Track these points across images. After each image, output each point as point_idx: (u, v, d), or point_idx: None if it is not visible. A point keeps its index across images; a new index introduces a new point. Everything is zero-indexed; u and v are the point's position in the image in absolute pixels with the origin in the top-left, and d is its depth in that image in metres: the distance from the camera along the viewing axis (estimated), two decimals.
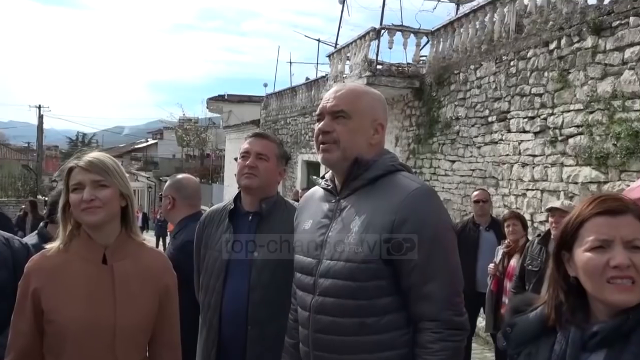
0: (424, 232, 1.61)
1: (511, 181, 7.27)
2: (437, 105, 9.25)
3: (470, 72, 8.41)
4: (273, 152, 2.39)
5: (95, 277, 1.74)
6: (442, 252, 1.64)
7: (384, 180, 1.73)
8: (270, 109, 18.97)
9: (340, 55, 12.22)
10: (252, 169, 2.33)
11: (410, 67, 10.24)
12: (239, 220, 2.37)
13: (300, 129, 16.00)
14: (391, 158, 1.80)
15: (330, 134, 1.76)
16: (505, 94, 7.51)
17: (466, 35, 8.79)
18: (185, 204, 2.93)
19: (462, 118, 8.52)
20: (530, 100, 7.00)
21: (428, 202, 1.67)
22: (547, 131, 6.67)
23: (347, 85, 1.86)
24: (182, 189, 2.96)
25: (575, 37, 6.32)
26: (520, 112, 7.16)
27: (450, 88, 8.91)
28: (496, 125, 7.65)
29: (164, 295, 1.85)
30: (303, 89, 16.29)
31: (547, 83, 6.71)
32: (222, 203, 2.58)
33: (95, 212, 1.73)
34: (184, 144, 36.49)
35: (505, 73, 7.53)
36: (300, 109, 16.13)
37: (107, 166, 1.77)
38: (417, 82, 9.79)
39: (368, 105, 1.80)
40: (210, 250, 2.40)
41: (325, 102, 1.80)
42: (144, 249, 1.88)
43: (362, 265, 1.63)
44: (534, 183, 6.84)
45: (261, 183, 2.34)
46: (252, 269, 2.27)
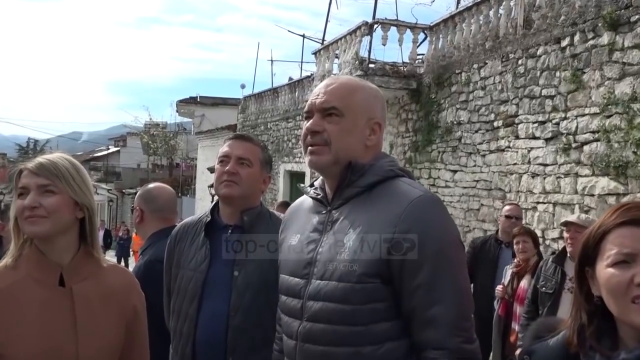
0: (428, 246, 1.58)
1: (520, 193, 7.31)
2: (437, 108, 9.30)
3: (473, 71, 8.48)
4: (256, 157, 2.37)
5: (52, 302, 1.69)
6: (449, 270, 1.61)
7: (382, 187, 1.70)
8: (248, 113, 18.96)
9: (328, 52, 12.26)
10: (232, 176, 2.30)
11: (406, 66, 10.30)
12: (217, 234, 2.33)
13: (283, 135, 16.00)
14: (390, 162, 1.78)
15: (320, 134, 1.73)
16: (512, 96, 7.57)
17: (469, 31, 8.87)
18: (155, 217, 2.91)
19: (464, 123, 8.57)
20: (540, 103, 7.06)
21: (433, 212, 1.64)
22: (559, 137, 6.73)
23: (339, 78, 1.83)
24: (152, 200, 2.94)
25: (589, 33, 6.40)
26: (530, 116, 7.22)
27: (451, 89, 8.97)
28: (503, 131, 7.70)
29: (131, 319, 1.82)
30: (286, 90, 16.33)
31: (559, 84, 6.78)
32: (197, 215, 2.54)
33: (38, 222, 1.68)
34: (151, 152, 36.33)
35: (512, 73, 7.60)
36: (283, 112, 16.15)
37: (59, 169, 1.72)
38: (414, 83, 9.86)
39: (364, 101, 1.77)
40: (182, 270, 2.36)
41: (314, 98, 1.78)
42: (107, 267, 1.84)
43: (358, 286, 1.60)
44: (546, 195, 6.88)
45: (243, 192, 2.31)
46: (232, 290, 2.23)
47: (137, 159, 41.07)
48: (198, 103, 29.98)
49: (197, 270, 2.30)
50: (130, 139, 45.05)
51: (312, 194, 1.85)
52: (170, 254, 2.45)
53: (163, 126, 38.52)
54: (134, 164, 41.39)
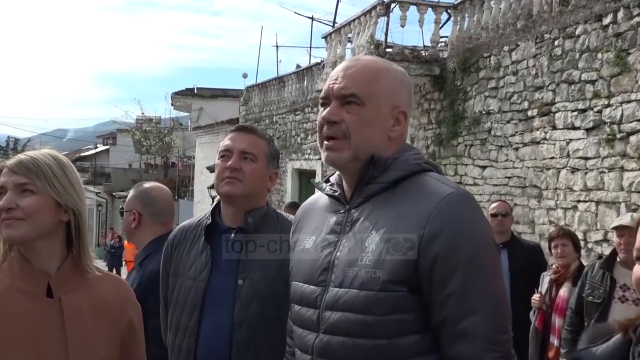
0: (461, 250, 1.58)
1: (558, 191, 7.27)
2: (463, 96, 9.29)
3: (503, 54, 8.45)
4: (262, 151, 2.37)
5: (39, 315, 1.70)
6: (484, 277, 1.60)
7: (408, 183, 1.70)
8: (251, 105, 19.00)
9: (340, 36, 12.27)
10: (234, 172, 2.31)
11: (427, 50, 10.30)
12: (219, 238, 2.34)
13: (290, 130, 16.03)
14: (415, 155, 1.78)
15: (338, 125, 1.72)
16: (548, 81, 7.54)
17: (497, 10, 8.84)
18: (153, 222, 2.91)
19: (494, 112, 8.54)
20: (580, 88, 7.03)
21: (466, 211, 1.64)
22: (602, 127, 6.69)
23: (360, 59, 1.82)
24: (150, 203, 2.94)
25: (635, 9, 6.35)
26: (568, 104, 7.18)
27: (479, 75, 8.94)
28: (538, 121, 7.67)
29: (127, 334, 1.83)
30: (293, 79, 16.35)
31: (601, 67, 6.74)
32: (196, 217, 2.55)
33: (14, 225, 1.68)
34: (143, 150, 36.52)
35: (548, 55, 7.57)
36: (290, 104, 16.18)
37: (39, 166, 1.71)
38: (437, 69, 9.84)
39: (388, 87, 1.76)
40: (181, 278, 2.37)
41: (332, 82, 1.76)
42: (100, 276, 1.84)
43: (381, 294, 1.60)
44: (587, 193, 6.84)
45: (246, 190, 2.31)
46: (235, 300, 2.24)
47: (129, 159, 41.32)
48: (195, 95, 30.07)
49: (197, 278, 2.31)
50: (120, 136, 45.33)
51: (328, 190, 1.84)
52: (167, 261, 2.46)
53: (157, 121, 38.71)
54: (124, 163, 41.64)
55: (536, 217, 7.65)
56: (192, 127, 28.24)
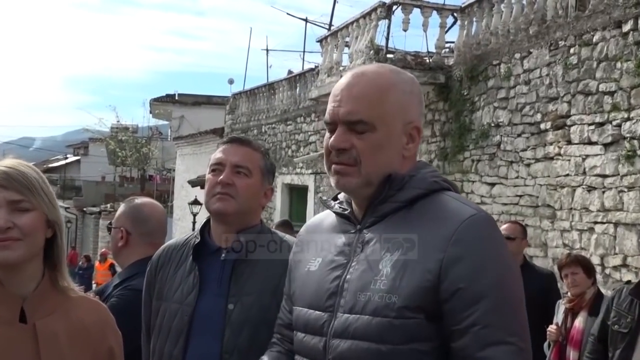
0: (484, 277, 1.59)
1: (573, 211, 7.31)
2: (470, 107, 9.34)
3: (514, 62, 8.51)
4: (256, 165, 2.38)
5: (11, 342, 1.69)
6: (509, 303, 1.62)
7: (425, 202, 1.71)
8: (238, 114, 19.02)
9: (336, 39, 12.33)
10: (226, 187, 2.31)
11: (432, 56, 10.34)
12: (208, 259, 2.34)
13: (280, 141, 16.06)
14: (432, 172, 1.80)
15: (349, 152, 1.73)
16: (563, 92, 7.59)
17: (508, 14, 8.91)
18: (143, 243, 2.90)
19: (504, 125, 8.59)
20: (597, 100, 7.08)
21: (490, 235, 1.66)
22: (621, 142, 6.74)
23: (365, 73, 1.81)
24: (142, 221, 2.94)
25: None
26: (585, 117, 7.24)
27: (488, 84, 9.00)
28: (551, 135, 7.72)
29: None
30: (284, 85, 16.41)
31: (620, 77, 6.80)
32: (183, 236, 2.55)
33: (11, 247, 1.68)
34: (118, 162, 36.46)
35: (563, 64, 7.63)
36: (281, 113, 16.22)
37: (30, 181, 1.72)
38: (442, 77, 9.90)
39: (399, 104, 1.77)
40: (165, 302, 2.37)
41: (335, 105, 1.76)
42: (77, 298, 1.85)
43: (397, 321, 1.60)
44: (605, 214, 6.87)
45: (239, 207, 2.32)
46: (225, 327, 2.24)
47: (102, 171, 41.21)
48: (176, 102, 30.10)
49: (184, 302, 2.30)
50: (93, 146, 45.23)
51: (337, 209, 1.85)
52: (151, 283, 2.45)
53: (133, 130, 38.66)
54: (97, 176, 41.51)
55: (549, 239, 7.68)
56: (173, 137, 28.23)
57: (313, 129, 14.42)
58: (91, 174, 42.36)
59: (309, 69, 15.60)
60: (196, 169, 20.03)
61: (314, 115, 14.35)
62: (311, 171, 14.30)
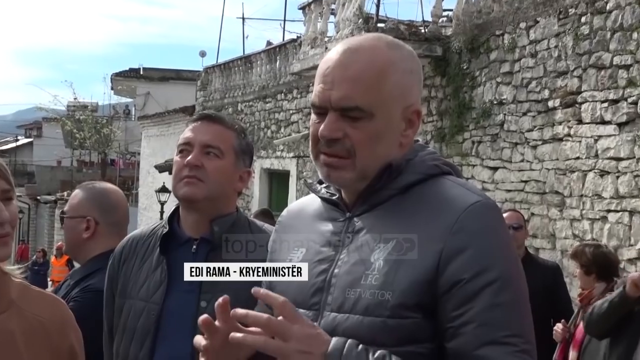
0: (487, 271, 1.59)
1: (584, 198, 7.35)
2: (470, 83, 9.36)
3: (519, 33, 8.53)
4: (229, 144, 2.38)
5: None
6: (512, 299, 1.62)
7: (422, 188, 1.71)
8: (210, 90, 18.96)
9: (321, 7, 12.30)
10: (195, 170, 2.31)
11: (427, 26, 10.35)
12: (177, 251, 2.34)
13: (259, 120, 16.04)
14: (431, 155, 1.78)
15: (341, 142, 1.70)
16: (573, 65, 7.62)
17: None
18: (111, 233, 2.90)
19: (507, 102, 8.62)
20: (611, 75, 7.11)
21: (494, 224, 1.66)
22: (637, 122, 6.77)
23: (360, 47, 1.75)
24: (110, 209, 2.94)
25: None
26: (597, 93, 7.26)
27: (490, 57, 9.02)
28: (560, 114, 7.75)
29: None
30: (262, 58, 16.36)
31: (636, 49, 6.83)
32: (149, 226, 2.55)
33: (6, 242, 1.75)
34: (76, 144, 36.27)
35: (573, 34, 7.65)
36: (259, 89, 16.19)
37: (5, 167, 1.80)
38: (439, 49, 9.90)
39: (399, 86, 1.72)
40: (130, 300, 2.37)
41: (326, 87, 1.71)
42: (31, 293, 1.85)
43: (391, 321, 1.60)
44: (619, 201, 6.91)
45: (210, 192, 2.32)
46: (197, 327, 2.23)
47: (57, 154, 41.01)
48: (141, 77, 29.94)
49: (150, 300, 2.31)
50: (47, 127, 44.98)
51: (324, 193, 1.84)
52: (113, 279, 2.46)
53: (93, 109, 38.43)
54: (52, 160, 41.32)
55: (557, 229, 7.72)
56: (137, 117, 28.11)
57: (295, 107, 14.39)
58: (45, 158, 42.16)
59: (290, 39, 15.55)
60: (164, 152, 19.98)
61: (296, 92, 14.32)
62: (293, 154, 14.28)
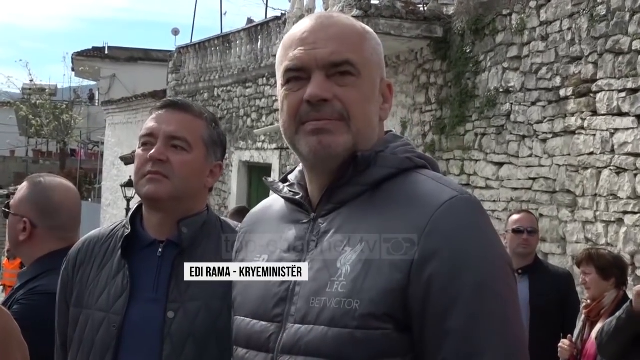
0: (467, 274, 1.61)
1: (598, 198, 7.37)
2: (474, 68, 9.37)
3: (529, 12, 8.54)
4: (198, 135, 2.37)
5: None
6: (496, 310, 1.63)
7: (394, 184, 1.73)
8: (184, 73, 18.92)
9: None
10: (158, 165, 2.31)
11: (427, 4, 10.35)
12: (141, 255, 2.34)
13: (237, 107, 16.03)
14: (404, 147, 1.81)
15: (330, 104, 1.72)
16: (588, 50, 7.63)
17: None
18: (52, 237, 2.89)
19: (515, 91, 8.63)
20: (630, 61, 7.12)
21: (473, 222, 1.68)
22: None
23: (334, 16, 1.85)
24: (51, 212, 2.91)
25: None
26: (614, 82, 7.28)
27: (496, 40, 9.03)
28: (573, 104, 7.77)
29: None
30: (242, 38, 16.34)
31: None
32: (108, 226, 2.54)
33: None
34: (32, 132, 36.14)
35: (588, 15, 7.66)
36: (238, 72, 16.17)
37: None
38: (440, 30, 9.92)
39: (376, 53, 1.82)
40: (87, 310, 2.36)
41: (309, 47, 1.75)
42: None
43: (359, 333, 1.62)
44: (637, 201, 6.94)
45: (176, 190, 2.32)
46: (164, 340, 2.24)
47: (10, 143, 40.82)
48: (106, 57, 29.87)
49: (110, 310, 2.30)
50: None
51: (287, 193, 1.86)
52: (67, 286, 2.44)
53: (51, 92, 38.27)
54: (5, 150, 41.13)
55: (568, 233, 7.75)
56: (101, 102, 28.03)
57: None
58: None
59: (273, 17, 15.57)
60: (130, 142, 19.96)
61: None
62: (276, 146, 14.26)
